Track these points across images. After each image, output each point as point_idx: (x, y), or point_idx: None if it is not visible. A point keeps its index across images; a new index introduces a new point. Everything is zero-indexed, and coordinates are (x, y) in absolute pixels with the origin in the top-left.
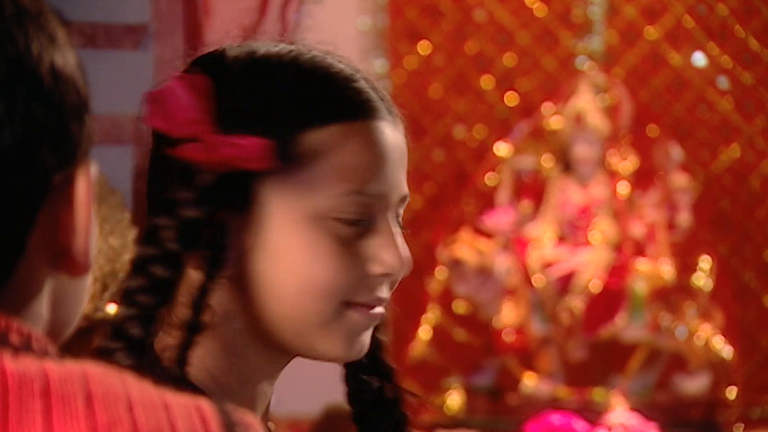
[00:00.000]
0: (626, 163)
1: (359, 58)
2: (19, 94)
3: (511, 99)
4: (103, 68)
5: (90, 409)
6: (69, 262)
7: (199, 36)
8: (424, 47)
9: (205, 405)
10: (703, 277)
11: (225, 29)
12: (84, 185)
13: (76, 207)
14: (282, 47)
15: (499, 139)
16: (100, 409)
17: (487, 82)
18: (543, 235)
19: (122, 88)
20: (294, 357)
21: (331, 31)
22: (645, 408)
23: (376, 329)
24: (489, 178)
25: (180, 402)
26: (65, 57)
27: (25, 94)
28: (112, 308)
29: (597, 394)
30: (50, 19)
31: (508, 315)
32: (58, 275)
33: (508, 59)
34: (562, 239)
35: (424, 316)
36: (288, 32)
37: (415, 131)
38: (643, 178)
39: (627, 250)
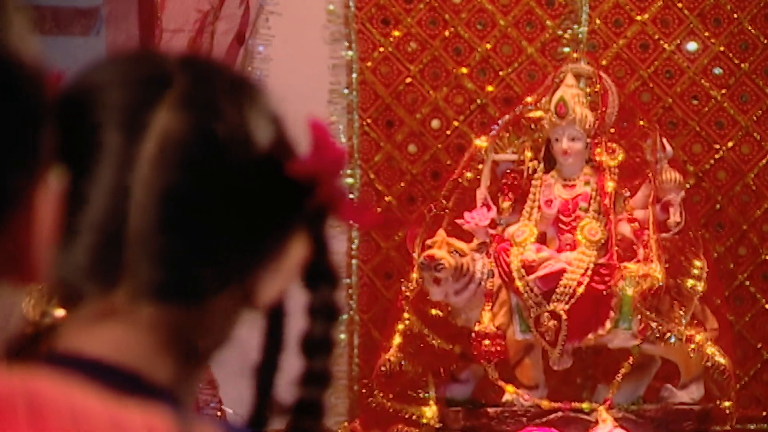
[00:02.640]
0: (613, 157)
1: (326, 45)
2: None
3: (490, 89)
4: (50, 56)
5: (33, 423)
6: (20, 273)
7: (155, 20)
8: (396, 33)
9: (160, 423)
10: (695, 280)
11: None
12: (46, 195)
13: (36, 218)
14: None
15: (478, 131)
16: (43, 424)
17: (465, 70)
18: (525, 235)
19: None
20: None
21: (297, 15)
22: (634, 420)
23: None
24: (467, 174)
25: (132, 419)
26: (25, 48)
27: None
28: (60, 312)
29: (582, 405)
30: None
31: (487, 321)
32: (3, 282)
33: (488, 46)
34: (545, 239)
35: (397, 322)
36: (250, 17)
37: (387, 123)
38: (631, 174)
39: (614, 251)
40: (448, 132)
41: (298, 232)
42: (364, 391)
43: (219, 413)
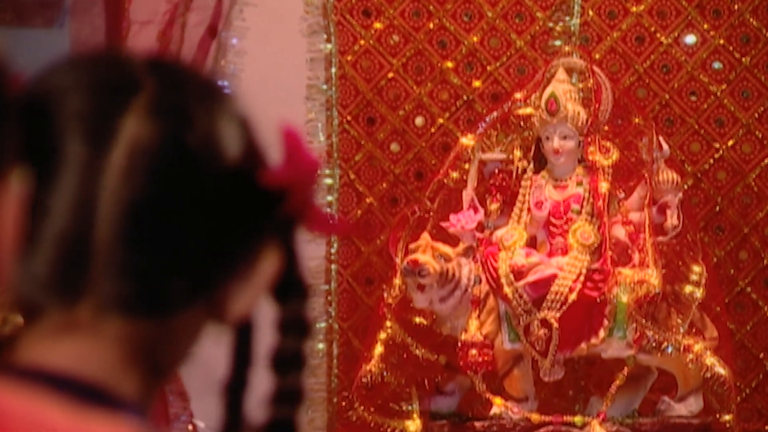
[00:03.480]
0: (607, 157)
1: (304, 37)
2: None
3: (477, 84)
4: (11, 49)
5: None
6: None
7: (123, 11)
8: (378, 25)
9: None
10: (694, 286)
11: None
12: (7, 198)
13: None
14: None
15: (464, 129)
16: None
17: (450, 64)
18: (514, 238)
19: (34, 72)
20: None
21: (273, 6)
22: None
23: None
24: (453, 174)
25: None
26: None
27: None
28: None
29: (575, 419)
30: None
31: (474, 329)
32: None
33: (475, 39)
34: (535, 243)
35: (378, 330)
36: (224, 8)
37: (368, 120)
38: (626, 175)
39: (608, 255)
40: (433, 130)
41: (269, 243)
42: (343, 403)
43: (190, 427)
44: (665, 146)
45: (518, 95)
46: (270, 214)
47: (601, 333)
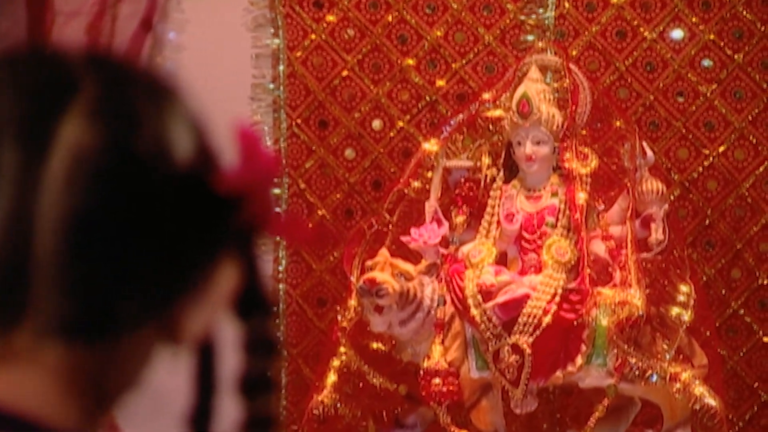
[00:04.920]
0: (585, 164)
1: (248, 31)
2: None
3: (441, 83)
4: None
5: None
6: None
7: (46, 2)
8: (331, 17)
9: None
10: (681, 308)
11: None
12: None
13: None
14: None
15: (427, 133)
16: None
17: (411, 61)
18: (482, 255)
19: None
20: None
21: None
22: None
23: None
24: (414, 183)
25: None
26: None
27: None
28: None
29: None
30: None
31: (438, 356)
32: None
33: (438, 33)
34: (506, 260)
35: (332, 357)
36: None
37: (320, 123)
38: (606, 184)
39: (587, 274)
40: (392, 134)
41: (227, 254)
42: None
43: None
44: (649, 152)
45: (486, 96)
46: (227, 223)
47: (579, 360)
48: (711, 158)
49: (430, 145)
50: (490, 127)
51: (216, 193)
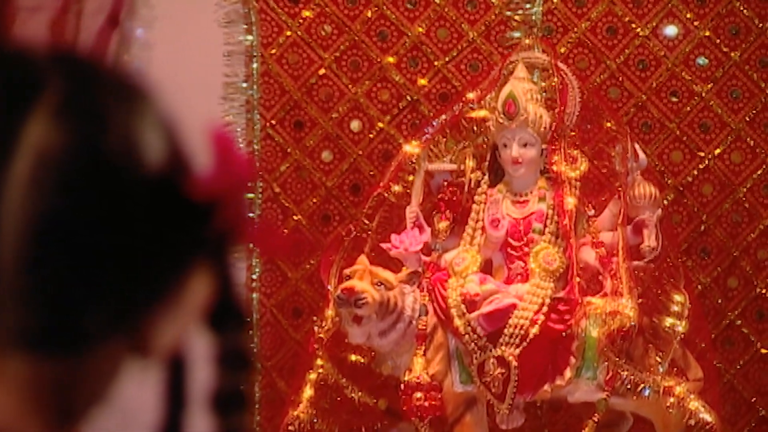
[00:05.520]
0: (575, 167)
1: (220, 28)
2: None
3: (423, 82)
4: None
5: None
6: None
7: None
8: (307, 13)
9: None
10: (675, 319)
11: None
12: None
13: None
14: None
15: (408, 135)
16: None
17: (392, 59)
18: (467, 262)
19: None
20: None
21: None
22: None
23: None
24: (395, 188)
25: None
26: None
27: None
28: None
29: None
30: None
31: (419, 369)
32: None
33: (420, 29)
34: (491, 268)
35: (308, 370)
36: None
37: (295, 124)
38: (597, 188)
39: (576, 283)
40: (371, 135)
41: (199, 264)
42: None
43: None
44: (642, 155)
45: (471, 95)
46: (200, 230)
47: (568, 373)
48: (706, 161)
49: (412, 148)
50: (475, 128)
51: (189, 199)
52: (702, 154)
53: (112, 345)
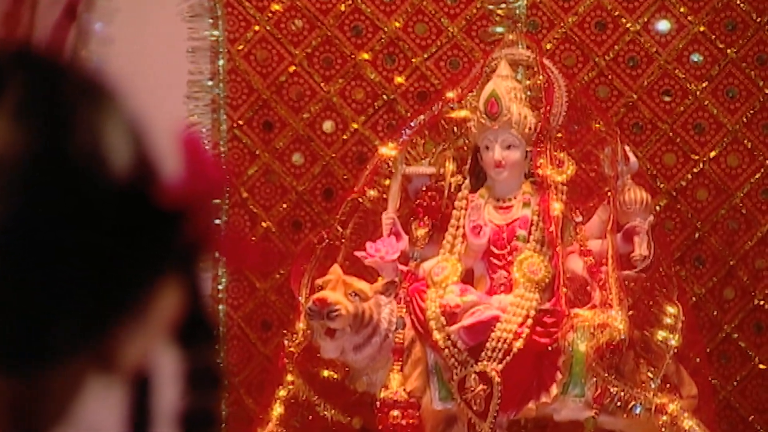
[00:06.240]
0: (561, 171)
1: (184, 22)
2: None
3: (400, 80)
4: None
5: None
6: None
7: None
8: (276, 6)
9: None
10: (668, 332)
11: None
12: None
13: None
14: None
15: (384, 136)
16: None
17: (366, 56)
18: (446, 272)
19: None
20: None
21: None
22: None
23: None
24: (370, 192)
25: None
26: None
27: None
28: None
29: None
30: None
31: (396, 385)
32: None
33: (397, 24)
34: (472, 278)
35: (277, 387)
36: None
37: (264, 125)
38: (585, 193)
39: (563, 293)
40: (345, 137)
41: (167, 276)
42: None
43: None
44: (632, 158)
45: (451, 94)
46: (168, 240)
47: (554, 389)
48: (701, 164)
49: (388, 150)
50: (455, 129)
51: (157, 207)
52: (696, 156)
53: (76, 362)
